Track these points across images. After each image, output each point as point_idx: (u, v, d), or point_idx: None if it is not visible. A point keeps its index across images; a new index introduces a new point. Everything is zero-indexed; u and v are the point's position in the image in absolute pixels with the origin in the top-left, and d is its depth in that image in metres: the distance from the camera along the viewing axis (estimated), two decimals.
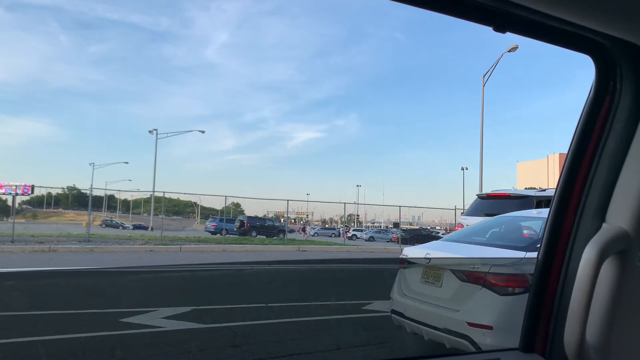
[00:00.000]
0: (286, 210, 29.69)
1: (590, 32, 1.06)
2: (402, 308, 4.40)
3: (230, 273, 9.98)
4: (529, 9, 0.97)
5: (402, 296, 4.47)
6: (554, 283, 1.28)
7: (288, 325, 5.43)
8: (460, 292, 3.88)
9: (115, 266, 11.67)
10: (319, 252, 21.72)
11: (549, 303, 1.29)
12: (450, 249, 4.77)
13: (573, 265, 1.23)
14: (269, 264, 12.99)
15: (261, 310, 6.06)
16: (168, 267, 11.03)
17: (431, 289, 4.17)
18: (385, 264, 15.00)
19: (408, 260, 4.77)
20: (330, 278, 9.74)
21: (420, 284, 4.30)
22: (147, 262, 13.80)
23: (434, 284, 4.15)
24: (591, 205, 1.24)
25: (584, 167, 1.25)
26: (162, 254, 17.24)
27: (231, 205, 51.40)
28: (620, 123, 1.19)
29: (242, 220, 32.24)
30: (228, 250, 19.71)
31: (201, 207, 70.96)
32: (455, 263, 4.12)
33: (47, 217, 61.95)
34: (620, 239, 1.13)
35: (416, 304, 4.24)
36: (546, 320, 1.29)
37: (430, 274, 4.22)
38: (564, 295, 1.24)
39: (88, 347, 4.28)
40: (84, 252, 16.50)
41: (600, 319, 1.14)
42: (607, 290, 1.14)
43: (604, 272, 1.12)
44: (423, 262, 4.37)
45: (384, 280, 9.57)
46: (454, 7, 1.02)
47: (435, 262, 4.26)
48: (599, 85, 1.21)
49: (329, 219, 75.29)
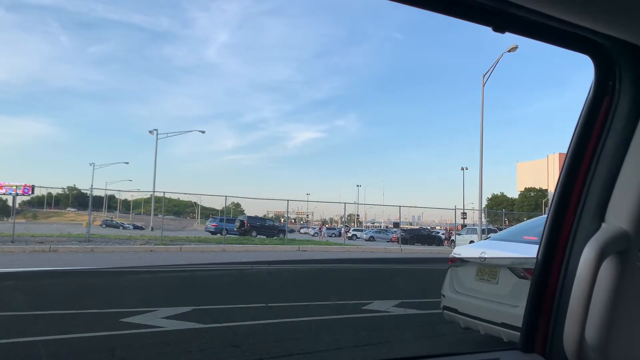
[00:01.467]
0: (286, 210, 29.70)
1: (589, 32, 1.06)
2: (456, 304, 4.60)
3: (230, 273, 9.97)
4: (528, 9, 0.97)
5: (455, 293, 4.66)
6: (554, 283, 1.29)
7: (288, 325, 5.43)
8: (518, 288, 4.05)
9: (116, 266, 11.66)
10: (319, 252, 21.70)
11: (548, 303, 1.29)
12: (503, 247, 4.94)
13: (572, 265, 1.23)
14: (269, 264, 12.96)
15: (261, 310, 6.07)
16: (168, 267, 11.02)
17: (487, 286, 4.38)
18: (385, 264, 14.95)
19: (462, 259, 5.02)
20: (330, 278, 9.75)
21: (475, 281, 4.52)
22: (147, 262, 13.78)
23: (489, 281, 4.37)
24: (590, 205, 1.24)
25: (583, 167, 1.25)
26: (162, 254, 17.21)
27: (231, 205, 51.46)
28: (620, 123, 1.19)
29: (242, 220, 32.15)
30: (228, 250, 19.70)
31: (201, 207, 70.94)
32: (512, 261, 4.31)
33: (48, 217, 61.94)
34: (620, 239, 1.13)
35: (471, 300, 4.44)
36: (546, 320, 1.29)
37: (486, 272, 4.43)
38: (564, 295, 1.24)
39: (88, 347, 4.28)
40: (85, 252, 16.49)
41: (600, 318, 1.14)
42: (606, 290, 1.14)
43: (603, 272, 1.12)
44: (477, 261, 4.58)
45: (384, 280, 9.60)
46: (454, 8, 1.02)
47: (491, 261, 4.47)
48: (598, 85, 1.21)
49: (329, 219, 75.35)
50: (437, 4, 1.02)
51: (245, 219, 32.53)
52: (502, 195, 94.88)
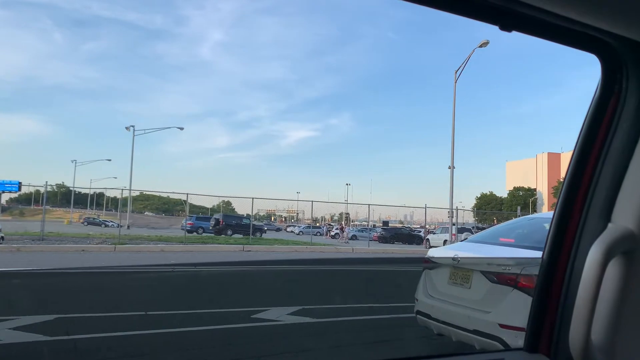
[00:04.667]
0: (251, 207, 28.83)
1: (596, 31, 1.06)
2: (428, 309, 4.39)
3: (138, 277, 8.94)
4: (535, 7, 0.96)
5: (428, 297, 4.45)
6: (559, 283, 1.28)
7: (144, 338, 4.83)
8: (491, 293, 3.87)
9: None
10: (263, 253, 20.37)
11: (554, 303, 1.28)
12: (477, 250, 4.75)
13: (578, 265, 1.22)
14: (195, 265, 11.94)
15: (133, 319, 5.45)
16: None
17: (460, 291, 4.15)
18: (324, 265, 13.71)
19: (434, 261, 4.73)
20: (243, 282, 8.94)
21: (448, 285, 4.29)
22: (57, 263, 12.72)
23: (462, 285, 4.14)
24: (597, 205, 1.23)
25: (589, 166, 1.25)
26: (94, 254, 16.37)
27: (221, 204, 51.24)
28: (627, 122, 1.18)
29: (217, 219, 31.68)
30: (167, 250, 18.55)
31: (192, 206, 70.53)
32: (485, 264, 4.10)
33: (35, 215, 61.20)
34: (626, 239, 1.12)
35: (444, 305, 4.23)
36: (551, 321, 1.28)
37: (459, 275, 4.21)
38: (569, 295, 1.23)
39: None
40: (10, 252, 15.68)
41: (606, 319, 1.13)
42: (612, 291, 1.13)
43: (609, 273, 1.11)
44: (450, 263, 4.34)
45: (304, 283, 8.72)
46: (461, 6, 1.01)
47: (464, 263, 4.23)
48: (605, 84, 1.21)
49: (321, 217, 75.33)
50: (444, 2, 1.01)
51: (221, 217, 32.09)
52: (491, 195, 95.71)
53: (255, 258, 18.15)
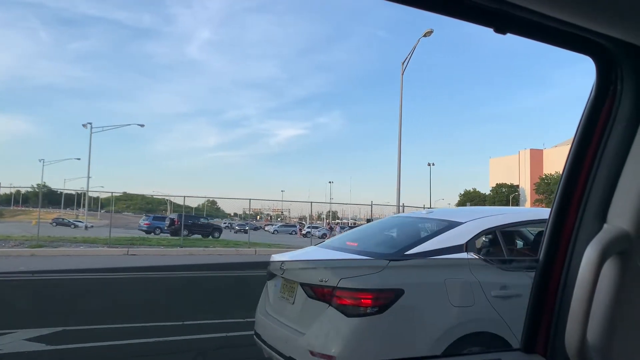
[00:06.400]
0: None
1: (591, 33, 1.06)
2: (260, 328, 3.65)
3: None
4: (530, 10, 0.96)
5: (263, 313, 3.68)
6: (555, 284, 1.29)
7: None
8: (307, 311, 3.16)
9: None
10: (150, 257, 16.71)
11: (550, 304, 1.29)
12: (313, 255, 4.03)
13: (574, 265, 1.23)
14: (32, 273, 9.17)
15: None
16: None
17: (285, 306, 3.42)
18: (203, 271, 10.71)
19: (270, 269, 3.85)
20: (69, 293, 6.58)
21: (278, 300, 3.55)
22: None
23: (287, 300, 3.39)
24: (592, 205, 1.24)
25: (585, 167, 1.26)
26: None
27: (207, 203, 50.94)
28: (621, 124, 1.19)
29: (172, 219, 29.78)
30: (40, 254, 15.30)
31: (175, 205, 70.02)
32: (306, 274, 3.42)
33: (14, 216, 60.02)
34: (622, 240, 1.13)
35: (271, 324, 3.49)
36: (547, 321, 1.29)
37: (287, 288, 3.45)
38: (565, 296, 1.24)
39: None
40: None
41: (602, 319, 1.14)
42: (608, 291, 1.14)
43: (605, 273, 1.12)
44: (279, 273, 3.61)
45: (148, 296, 6.27)
46: (455, 9, 1.01)
47: (290, 273, 3.50)
48: (600, 87, 1.22)
49: (308, 215, 75.36)
50: (439, 5, 1.00)
51: (176, 217, 29.56)
52: (474, 191, 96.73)
53: (131, 264, 14.02)
